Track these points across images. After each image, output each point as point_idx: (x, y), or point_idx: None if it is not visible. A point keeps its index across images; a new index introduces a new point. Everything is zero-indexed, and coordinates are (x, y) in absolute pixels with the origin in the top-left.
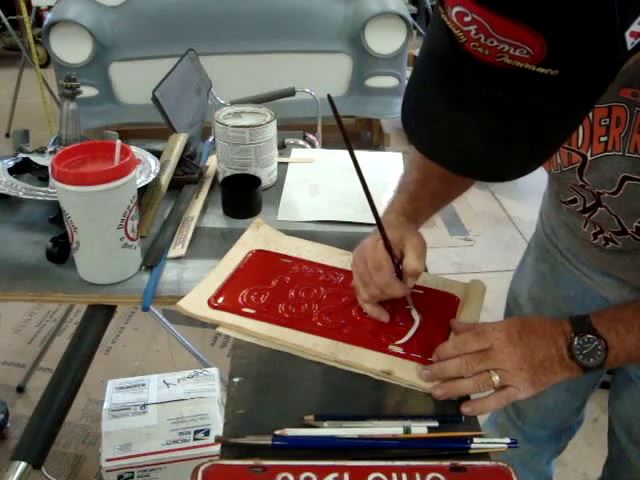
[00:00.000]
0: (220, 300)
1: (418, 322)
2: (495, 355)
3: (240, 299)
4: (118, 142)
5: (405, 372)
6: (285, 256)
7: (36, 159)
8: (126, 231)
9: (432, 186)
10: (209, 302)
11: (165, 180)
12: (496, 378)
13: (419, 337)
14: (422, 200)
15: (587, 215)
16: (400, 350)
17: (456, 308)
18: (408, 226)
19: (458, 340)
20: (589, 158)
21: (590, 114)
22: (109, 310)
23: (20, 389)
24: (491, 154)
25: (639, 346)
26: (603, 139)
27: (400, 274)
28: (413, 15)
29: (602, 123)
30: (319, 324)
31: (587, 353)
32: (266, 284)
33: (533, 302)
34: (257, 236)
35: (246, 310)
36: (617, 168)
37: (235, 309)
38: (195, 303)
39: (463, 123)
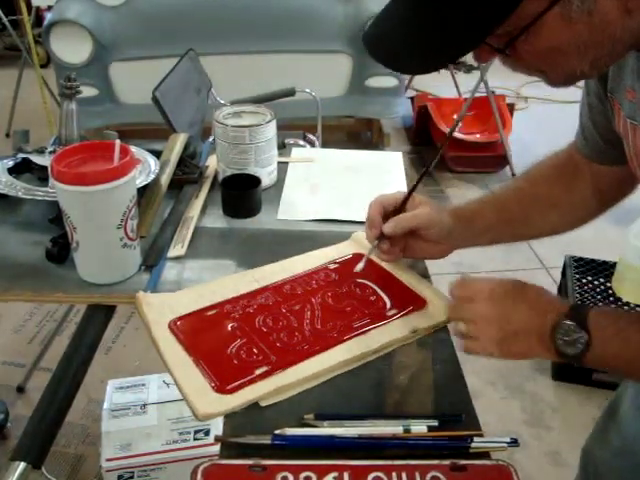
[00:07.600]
0: (229, 387)
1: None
2: (473, 307)
3: (240, 366)
4: (118, 142)
5: (424, 319)
6: (210, 307)
7: (36, 159)
8: (126, 231)
9: (508, 205)
10: (217, 390)
11: (165, 180)
12: (462, 327)
13: (397, 297)
14: (486, 204)
15: None
16: (397, 312)
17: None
18: (436, 209)
19: (455, 282)
20: None
21: None
22: (109, 310)
23: (20, 389)
24: (406, 40)
25: (619, 354)
26: None
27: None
28: None
29: None
30: (329, 335)
31: (568, 341)
32: (231, 340)
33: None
34: (160, 308)
35: (258, 372)
36: None
37: (243, 381)
38: (209, 402)
39: (390, 12)
